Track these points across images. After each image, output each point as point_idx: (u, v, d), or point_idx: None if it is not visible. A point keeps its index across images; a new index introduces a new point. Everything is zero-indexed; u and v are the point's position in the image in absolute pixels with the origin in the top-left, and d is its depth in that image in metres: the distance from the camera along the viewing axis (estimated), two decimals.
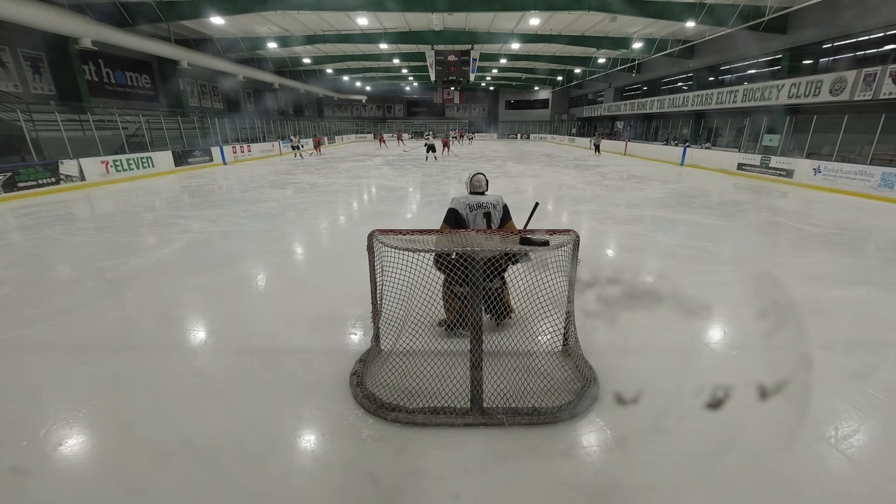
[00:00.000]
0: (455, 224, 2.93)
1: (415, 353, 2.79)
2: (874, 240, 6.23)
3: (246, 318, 3.58)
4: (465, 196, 3.03)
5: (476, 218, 2.95)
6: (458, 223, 2.93)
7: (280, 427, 2.25)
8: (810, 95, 12.86)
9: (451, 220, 2.93)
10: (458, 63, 19.67)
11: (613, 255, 5.47)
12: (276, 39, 18.84)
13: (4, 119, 11.04)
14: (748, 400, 2.48)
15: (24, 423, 2.28)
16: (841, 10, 12.25)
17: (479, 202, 2.97)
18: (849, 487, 1.89)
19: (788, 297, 4.00)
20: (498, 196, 3.09)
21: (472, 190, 3.07)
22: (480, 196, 3.02)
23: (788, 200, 9.58)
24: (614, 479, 1.91)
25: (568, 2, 13.73)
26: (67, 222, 7.22)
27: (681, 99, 20.25)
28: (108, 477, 1.97)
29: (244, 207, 8.25)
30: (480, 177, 3.09)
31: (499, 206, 3.02)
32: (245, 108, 26.00)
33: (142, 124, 14.38)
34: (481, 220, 2.96)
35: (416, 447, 2.11)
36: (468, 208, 2.95)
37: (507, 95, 43.54)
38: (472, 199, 2.99)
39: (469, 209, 2.95)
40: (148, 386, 2.63)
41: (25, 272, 4.73)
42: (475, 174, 3.10)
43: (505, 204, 3.07)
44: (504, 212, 3.05)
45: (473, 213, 2.95)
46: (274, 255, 5.31)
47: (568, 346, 2.85)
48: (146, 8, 13.51)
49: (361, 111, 43.64)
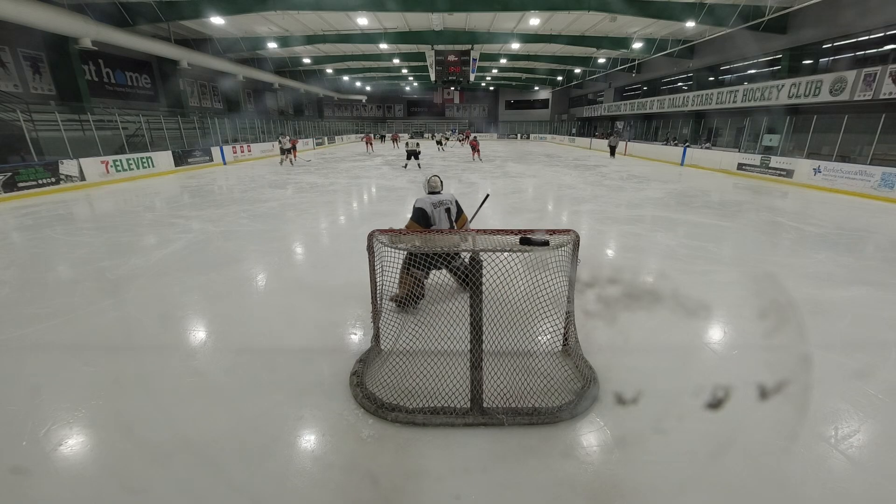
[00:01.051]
0: (423, 221, 3.42)
1: (415, 353, 2.79)
2: (874, 240, 6.23)
3: (246, 318, 3.58)
4: (427, 196, 3.54)
5: (440, 214, 3.46)
6: (426, 220, 3.43)
7: (280, 427, 2.25)
8: (810, 95, 12.85)
9: (420, 218, 3.41)
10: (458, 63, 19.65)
11: (613, 255, 5.47)
12: (276, 39, 18.84)
13: (4, 119, 11.04)
14: (748, 400, 2.48)
15: (24, 423, 2.28)
16: (841, 10, 12.24)
17: (440, 200, 3.51)
18: (849, 487, 1.89)
19: (788, 297, 4.00)
20: (451, 194, 3.71)
21: (430, 190, 3.58)
22: (438, 195, 3.56)
23: (788, 200, 9.58)
24: (614, 479, 1.92)
25: (568, 2, 13.73)
26: (67, 222, 7.22)
27: (681, 99, 20.24)
28: (108, 477, 1.97)
29: (244, 207, 8.26)
30: (436, 178, 3.65)
31: (453, 202, 3.60)
32: (245, 108, 26.00)
33: (142, 124, 14.38)
34: (444, 215, 3.48)
35: (416, 447, 2.11)
36: (432, 206, 3.45)
37: (507, 95, 43.53)
38: (433, 198, 3.52)
39: (433, 207, 3.45)
40: (148, 386, 2.63)
41: (25, 272, 4.73)
42: (431, 177, 3.66)
43: (457, 200, 3.67)
44: (457, 207, 3.63)
45: (437, 210, 3.46)
46: (274, 255, 5.31)
47: (568, 346, 2.86)
48: (146, 8, 13.51)
49: (361, 111, 43.65)
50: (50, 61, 13.84)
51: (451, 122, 44.02)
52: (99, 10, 12.85)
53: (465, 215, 3.71)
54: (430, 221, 3.42)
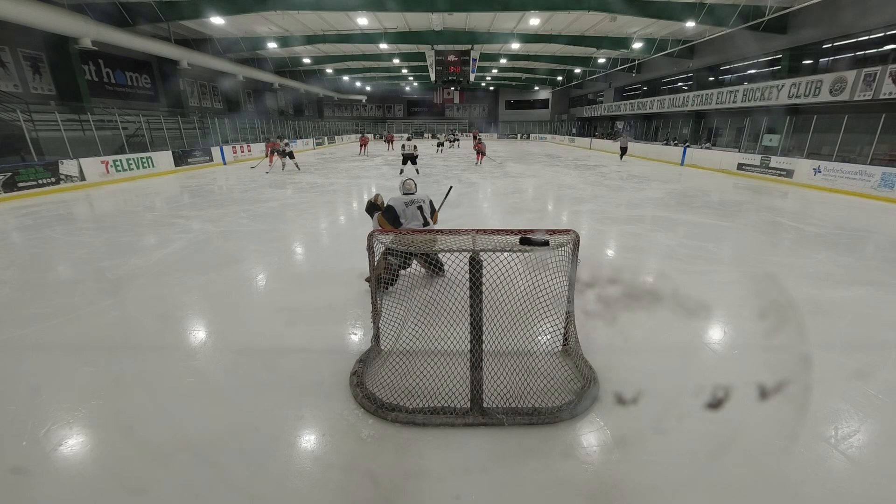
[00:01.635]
0: (391, 217, 3.88)
1: (415, 353, 2.79)
2: (874, 240, 6.23)
3: (246, 318, 3.58)
4: (400, 196, 4.00)
5: (412, 211, 3.93)
6: (394, 217, 3.89)
7: (280, 427, 2.25)
8: (810, 95, 12.85)
9: (389, 217, 3.88)
10: (458, 63, 19.63)
11: (613, 255, 5.47)
12: (276, 39, 18.83)
13: (4, 119, 11.03)
14: (748, 400, 2.48)
15: (24, 423, 2.28)
16: (841, 10, 12.24)
17: (412, 199, 3.98)
18: (849, 487, 1.89)
19: (788, 297, 4.00)
20: (426, 194, 4.19)
21: (405, 192, 4.04)
22: (412, 195, 4.04)
23: (788, 200, 9.58)
24: (614, 479, 1.92)
25: (568, 2, 13.72)
26: (67, 222, 7.22)
27: (681, 99, 20.23)
28: (108, 477, 1.97)
29: (244, 207, 8.25)
30: (410, 182, 4.10)
31: (427, 201, 4.08)
32: (245, 108, 25.97)
33: (142, 124, 14.37)
34: (416, 212, 3.94)
35: (416, 447, 2.11)
36: (404, 205, 3.92)
37: (507, 95, 43.50)
38: (406, 198, 3.99)
39: (405, 205, 3.92)
40: (148, 386, 2.63)
41: (25, 272, 4.73)
42: (406, 180, 4.12)
43: (431, 200, 4.17)
44: (430, 205, 4.12)
45: (409, 208, 3.92)
46: (274, 255, 5.31)
47: (568, 346, 2.86)
48: (146, 8, 13.50)
49: (361, 111, 43.64)
50: (50, 61, 13.83)
51: (451, 122, 43.97)
52: (99, 10, 12.84)
53: (436, 212, 4.27)
54: (400, 220, 3.90)
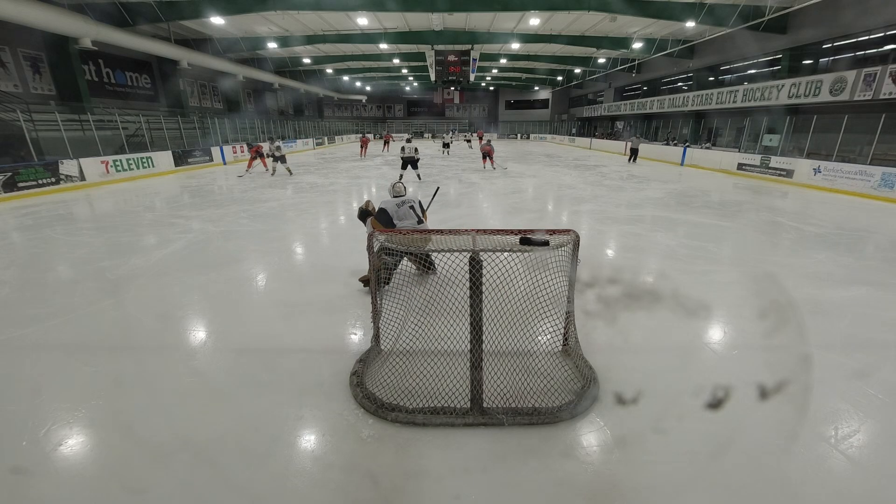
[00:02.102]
0: (384, 219, 4.00)
1: (415, 353, 2.79)
2: (874, 240, 6.23)
3: (246, 318, 3.58)
4: (391, 199, 4.20)
5: (405, 210, 4.12)
6: (387, 219, 4.02)
7: (280, 427, 2.25)
8: (810, 95, 12.85)
9: (383, 220, 4.00)
10: (458, 63, 19.62)
11: (613, 255, 5.47)
12: (276, 39, 18.82)
13: (4, 119, 11.03)
14: (748, 400, 2.48)
15: (24, 423, 2.28)
16: (841, 10, 12.24)
17: (404, 200, 4.21)
18: (849, 487, 1.89)
19: (788, 297, 4.00)
20: (415, 195, 4.49)
21: (395, 194, 4.25)
22: (403, 197, 4.27)
23: (788, 200, 9.58)
24: (614, 479, 1.92)
25: (568, 2, 13.72)
26: (67, 222, 7.22)
27: (681, 99, 20.23)
28: (108, 477, 1.97)
29: (244, 207, 8.25)
30: (400, 185, 4.33)
31: (416, 201, 4.31)
32: (245, 108, 25.97)
33: (142, 124, 14.37)
34: (408, 211, 4.13)
35: (416, 447, 2.11)
36: (395, 206, 4.10)
37: (507, 95, 43.50)
38: (397, 199, 4.20)
39: (397, 206, 4.11)
40: (148, 386, 2.63)
41: (25, 272, 4.73)
42: (395, 183, 4.35)
43: (420, 201, 4.41)
44: (420, 206, 4.33)
45: (402, 208, 4.12)
46: (274, 255, 5.31)
47: (568, 346, 2.86)
48: (146, 8, 13.50)
49: (361, 111, 43.63)
50: (50, 61, 13.83)
51: (451, 122, 43.98)
52: (99, 10, 12.84)
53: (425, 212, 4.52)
54: (393, 221, 4.06)
